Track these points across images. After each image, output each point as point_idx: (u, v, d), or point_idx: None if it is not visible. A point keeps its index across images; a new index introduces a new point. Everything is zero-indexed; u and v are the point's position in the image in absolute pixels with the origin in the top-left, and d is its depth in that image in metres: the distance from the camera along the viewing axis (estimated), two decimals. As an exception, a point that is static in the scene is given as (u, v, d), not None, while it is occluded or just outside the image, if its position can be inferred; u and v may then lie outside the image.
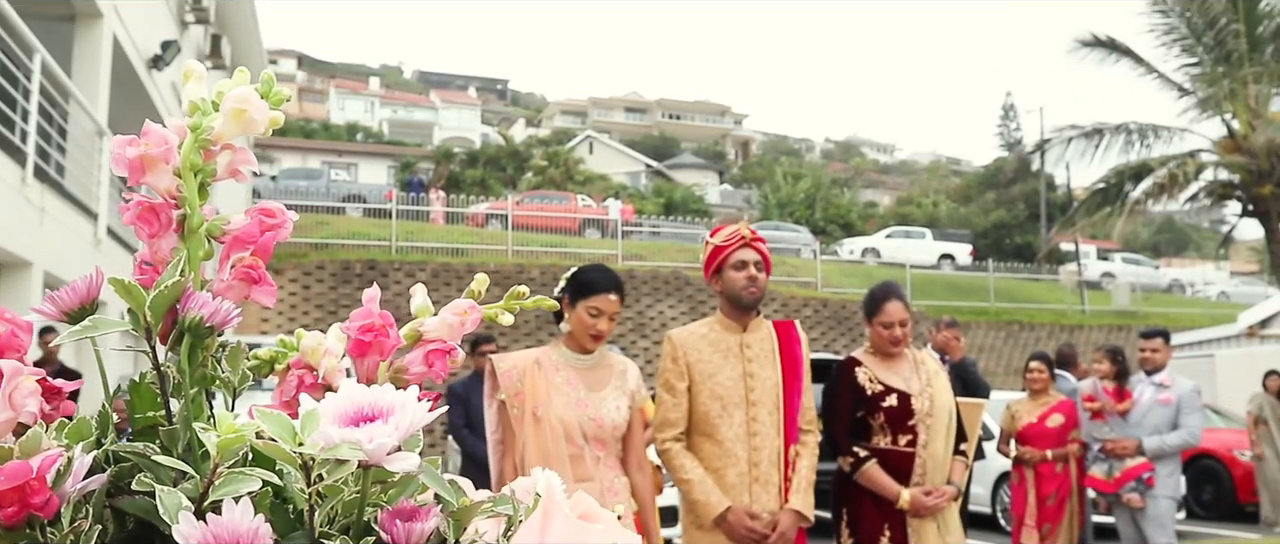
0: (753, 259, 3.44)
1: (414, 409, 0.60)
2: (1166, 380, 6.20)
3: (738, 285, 3.41)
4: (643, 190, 44.83)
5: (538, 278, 20.51)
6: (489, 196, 31.93)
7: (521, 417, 3.03)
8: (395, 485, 0.65)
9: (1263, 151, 18.33)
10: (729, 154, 72.06)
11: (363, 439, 0.56)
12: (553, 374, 3.10)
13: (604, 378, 3.19)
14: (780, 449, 3.37)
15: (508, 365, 3.12)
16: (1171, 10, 19.65)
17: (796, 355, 3.48)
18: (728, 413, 3.33)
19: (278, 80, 0.81)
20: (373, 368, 0.71)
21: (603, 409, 3.09)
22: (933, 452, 3.62)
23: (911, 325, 3.77)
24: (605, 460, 3.11)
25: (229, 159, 0.72)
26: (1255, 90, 18.60)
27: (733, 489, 3.29)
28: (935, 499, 3.58)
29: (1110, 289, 29.44)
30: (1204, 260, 43.60)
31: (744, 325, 3.47)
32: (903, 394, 3.64)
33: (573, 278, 3.18)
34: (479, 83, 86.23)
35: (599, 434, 3.08)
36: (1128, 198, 20.02)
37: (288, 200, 23.16)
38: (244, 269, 0.70)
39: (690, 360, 3.39)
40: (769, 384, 3.39)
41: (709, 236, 3.57)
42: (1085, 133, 20.97)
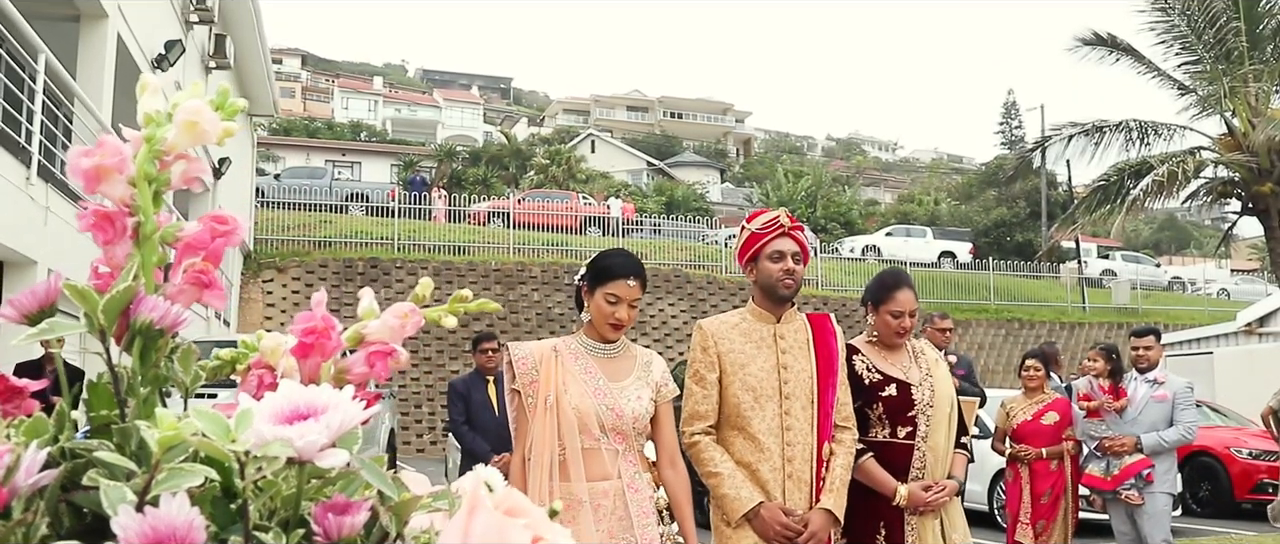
0: (791, 250, 3.27)
1: (347, 408, 0.63)
2: (1160, 377, 6.23)
3: (774, 276, 3.25)
4: (644, 189, 44.85)
5: (539, 276, 20.56)
6: (491, 195, 31.99)
7: (535, 405, 2.91)
8: (335, 481, 0.68)
9: (1263, 149, 18.33)
10: (731, 152, 72.05)
11: (294, 437, 0.59)
12: (571, 362, 2.97)
13: (626, 368, 3.04)
14: (814, 446, 3.20)
15: (523, 353, 3.00)
16: (1172, 8, 19.65)
17: (831, 349, 3.31)
18: (760, 405, 3.17)
19: (282, 79, 0.83)
20: (315, 369, 0.74)
21: (623, 399, 2.93)
22: (933, 444, 3.46)
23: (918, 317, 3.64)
24: (625, 454, 2.94)
25: (183, 169, 0.75)
26: (1255, 88, 18.59)
27: (765, 485, 3.13)
28: (935, 494, 3.40)
29: (1111, 287, 29.44)
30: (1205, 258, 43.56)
31: (778, 316, 3.31)
32: (902, 384, 3.48)
33: (592, 263, 3.05)
34: (482, 81, 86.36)
35: (618, 425, 2.91)
36: (1128, 195, 20.01)
37: (291, 199, 23.27)
38: (195, 274, 0.74)
39: (721, 350, 3.22)
40: (803, 377, 3.24)
41: (746, 222, 3.38)
42: (1085, 130, 20.98)
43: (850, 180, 55.75)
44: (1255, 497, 11.42)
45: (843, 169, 63.18)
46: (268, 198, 23.20)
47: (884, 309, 3.53)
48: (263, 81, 16.75)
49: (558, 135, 61.30)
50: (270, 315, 18.47)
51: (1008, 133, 56.98)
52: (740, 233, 3.37)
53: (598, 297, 2.96)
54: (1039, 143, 24.75)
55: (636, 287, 2.97)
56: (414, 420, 18.58)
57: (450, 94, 72.89)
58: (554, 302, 20.26)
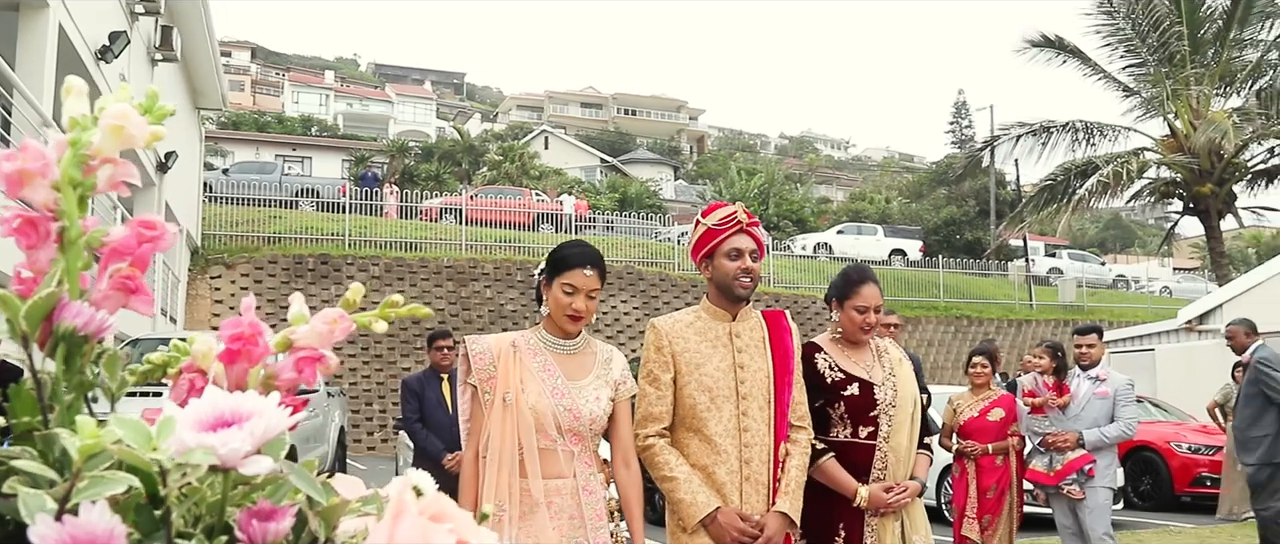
0: (749, 247, 3.17)
1: (272, 415, 0.63)
2: (1102, 374, 6.35)
3: (731, 275, 3.15)
4: (598, 185, 44.82)
5: (491, 273, 20.48)
6: (443, 191, 31.80)
7: (491, 402, 2.82)
8: (262, 487, 0.68)
9: (1203, 151, 18.75)
10: (684, 149, 72.23)
11: (216, 444, 0.59)
12: (529, 359, 2.88)
13: (585, 365, 2.95)
14: (771, 447, 3.12)
15: (481, 348, 2.90)
16: (1117, 12, 20.02)
17: (788, 346, 3.23)
18: (717, 406, 3.08)
19: (230, 72, 0.83)
20: (243, 374, 0.74)
21: (581, 399, 2.85)
22: (895, 444, 3.39)
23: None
24: (581, 456, 2.86)
25: (110, 173, 0.74)
26: (1196, 91, 19.01)
27: (722, 488, 3.04)
28: (896, 495, 3.33)
29: (1057, 284, 29.94)
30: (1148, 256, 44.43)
31: (733, 314, 3.22)
32: (865, 383, 3.39)
33: (549, 255, 2.99)
34: (435, 76, 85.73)
35: (575, 427, 2.83)
36: (1074, 195, 20.37)
37: (240, 193, 22.96)
38: (121, 279, 0.73)
39: (676, 350, 3.12)
40: (760, 376, 3.16)
41: (701, 216, 3.26)
42: (1033, 130, 21.32)
43: (803, 178, 56.06)
44: (1194, 490, 11.67)
45: (795, 167, 63.56)
46: (216, 193, 22.88)
47: (849, 305, 3.46)
48: (211, 74, 16.50)
49: (511, 131, 61.06)
50: (218, 312, 18.22)
51: (958, 132, 57.64)
52: (695, 227, 3.26)
53: (555, 288, 2.89)
54: (988, 142, 25.13)
55: (594, 276, 2.89)
56: (365, 418, 18.43)
57: (403, 89, 72.26)
58: (506, 298, 20.20)
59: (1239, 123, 18.87)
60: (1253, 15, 19.69)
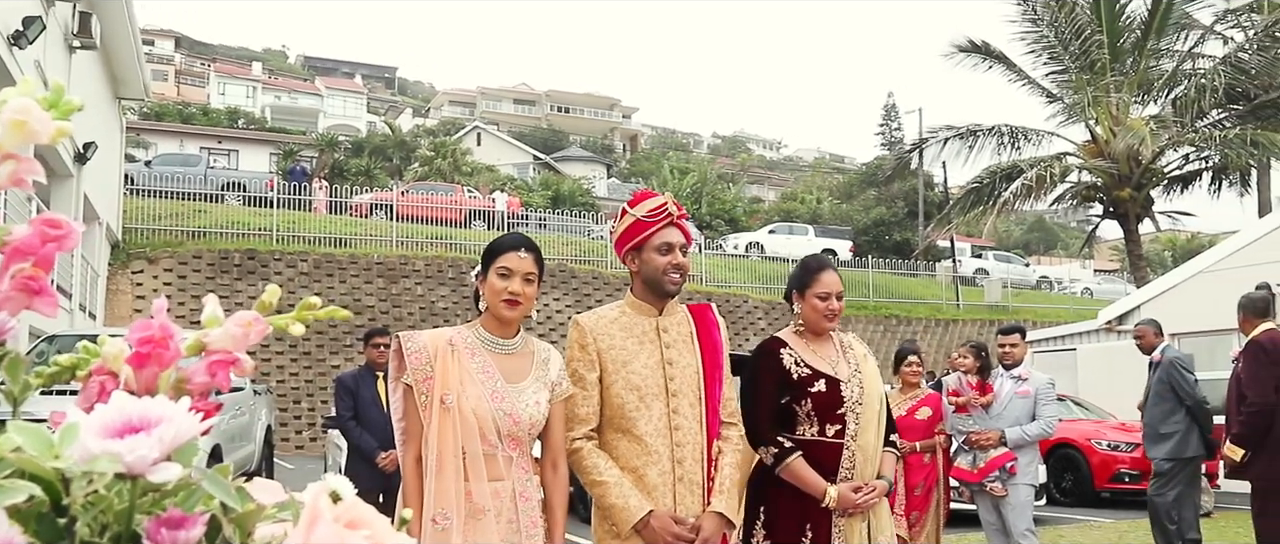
0: (679, 241, 3.05)
1: (183, 420, 0.61)
2: (1024, 374, 6.49)
3: (661, 270, 3.01)
4: (530, 182, 44.67)
5: (422, 270, 20.29)
6: (374, 187, 31.42)
7: (429, 404, 2.68)
8: (173, 493, 0.66)
9: (1123, 157, 19.26)
10: (617, 147, 72.29)
11: (123, 451, 0.57)
12: (468, 359, 2.74)
13: (523, 367, 2.82)
14: (703, 445, 3.02)
15: (417, 345, 2.75)
16: (1041, 19, 20.46)
17: (716, 340, 3.13)
18: (646, 405, 2.96)
19: (153, 61, 0.80)
20: (153, 378, 0.72)
21: (520, 404, 2.74)
22: (863, 443, 3.28)
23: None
24: (519, 461, 2.76)
25: (12, 168, 0.71)
26: (1116, 98, 19.51)
27: (654, 491, 2.93)
28: (865, 496, 3.23)
29: (983, 285, 30.55)
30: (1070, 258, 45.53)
31: (660, 309, 3.10)
32: (831, 380, 3.28)
33: (486, 250, 2.86)
34: (366, 70, 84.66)
35: (514, 432, 2.72)
36: (1000, 197, 20.77)
37: (163, 187, 22.44)
38: (23, 280, 0.70)
39: (601, 347, 2.99)
40: (689, 372, 3.04)
41: (629, 206, 3.12)
42: (961, 134, 21.71)
43: (735, 178, 56.49)
44: (1114, 486, 11.99)
45: (728, 166, 63.97)
46: (138, 185, 22.33)
47: (810, 294, 3.35)
48: (133, 63, 16.05)
49: (443, 127, 60.59)
50: (140, 308, 17.77)
51: (887, 134, 58.47)
52: (621, 217, 3.12)
53: (490, 276, 2.78)
54: (917, 145, 25.53)
55: (530, 259, 2.78)
56: (293, 417, 18.14)
57: (333, 82, 71.20)
58: (437, 295, 20.02)
59: (1156, 130, 19.40)
60: (1169, 26, 20.27)
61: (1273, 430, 5.55)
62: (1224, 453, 5.79)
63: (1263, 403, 5.54)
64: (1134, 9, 20.18)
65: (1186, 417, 7.12)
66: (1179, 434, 7.10)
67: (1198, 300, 13.27)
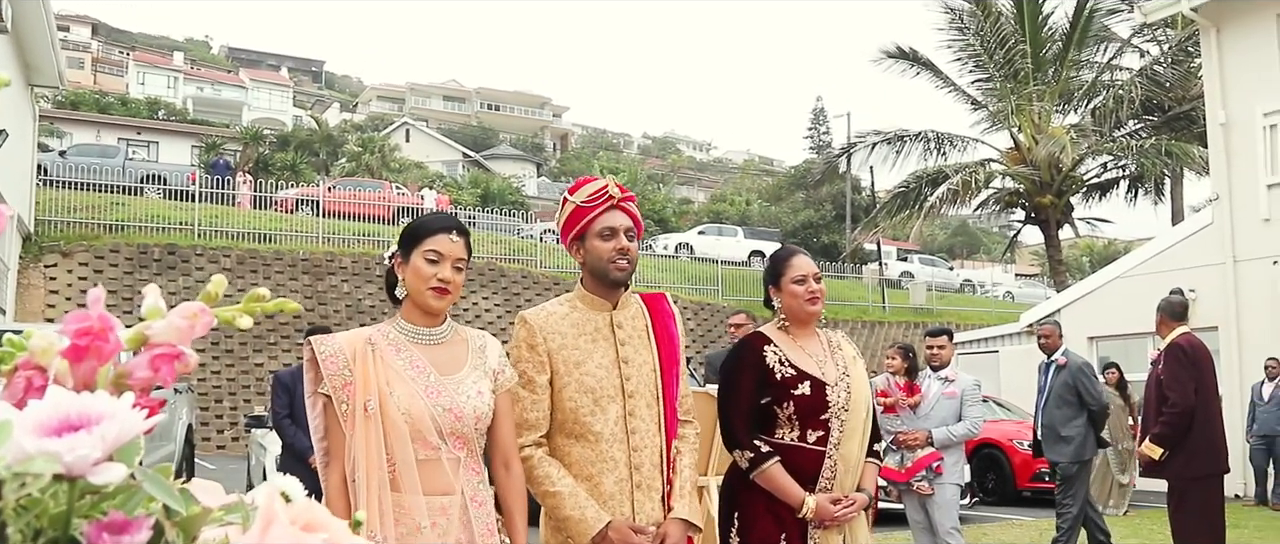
0: (624, 225, 2.83)
1: (126, 418, 0.57)
2: (952, 375, 6.59)
3: (605, 257, 2.80)
4: (459, 180, 44.29)
5: (349, 267, 19.98)
6: (300, 182, 30.89)
7: (350, 413, 2.37)
8: (112, 496, 0.62)
9: (1044, 164, 19.72)
10: (548, 146, 72.05)
11: (62, 451, 0.53)
12: (392, 356, 2.44)
13: (458, 357, 2.52)
14: (662, 448, 2.83)
15: (331, 349, 2.43)
16: (967, 28, 20.88)
17: (673, 334, 2.93)
18: (601, 408, 2.75)
19: (68, 48, 0.74)
20: (91, 373, 0.67)
21: (460, 396, 2.43)
22: (845, 452, 3.06)
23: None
24: (467, 463, 2.45)
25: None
26: (1039, 107, 19.98)
27: (611, 500, 2.72)
28: (844, 509, 3.02)
29: (909, 288, 31.05)
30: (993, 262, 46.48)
31: (613, 302, 2.88)
32: (817, 382, 3.06)
33: (403, 231, 2.59)
34: (292, 63, 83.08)
35: (458, 429, 2.42)
36: (926, 202, 21.16)
37: (79, 178, 21.76)
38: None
39: (551, 347, 2.77)
40: (646, 370, 2.84)
41: (568, 193, 2.93)
42: (888, 139, 22.05)
43: (665, 178, 56.67)
44: (1034, 486, 12.24)
45: (658, 167, 64.12)
46: (52, 176, 21.61)
47: (786, 281, 3.16)
48: (46, 49, 15.52)
49: (371, 122, 59.82)
50: (53, 303, 17.22)
51: (816, 138, 59.18)
52: (562, 206, 2.92)
53: (415, 260, 2.47)
54: (845, 149, 25.88)
55: (460, 243, 2.49)
56: (215, 416, 17.73)
57: (258, 74, 69.78)
58: (365, 293, 19.73)
59: (1076, 138, 19.92)
60: (1089, 38, 20.84)
61: (1191, 430, 5.71)
62: (1143, 451, 5.94)
63: (1183, 404, 5.69)
64: (1056, 21, 20.71)
65: (1086, 420, 7.34)
66: (1080, 437, 7.33)
67: (1115, 304, 13.62)
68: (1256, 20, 12.12)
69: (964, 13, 20.80)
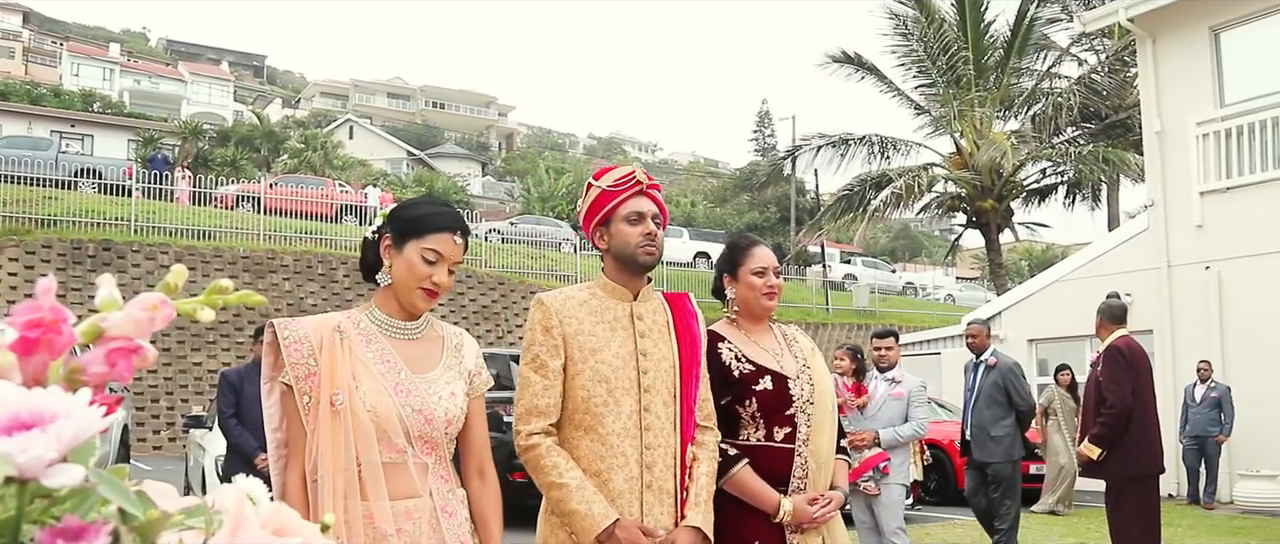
0: (651, 210, 2.73)
1: (82, 415, 0.53)
2: (898, 376, 6.64)
3: (633, 243, 2.69)
4: (404, 179, 43.94)
5: (291, 265, 19.68)
6: (240, 178, 30.40)
7: (313, 406, 2.19)
8: (65, 500, 0.58)
9: (985, 169, 20.03)
10: (493, 146, 71.72)
11: (14, 451, 0.49)
12: (361, 348, 2.25)
13: (431, 354, 2.34)
14: (677, 449, 2.67)
15: (296, 334, 2.24)
16: (911, 34, 21.14)
17: (695, 332, 2.79)
18: (615, 400, 2.61)
19: None
20: (42, 368, 0.63)
21: (431, 396, 2.26)
22: (815, 448, 2.91)
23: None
24: (436, 469, 2.27)
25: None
26: (980, 113, 20.29)
27: (619, 498, 2.57)
28: (821, 508, 2.87)
29: (852, 290, 31.33)
30: (934, 266, 47.11)
31: (635, 292, 2.76)
32: (778, 376, 2.91)
33: (400, 211, 2.37)
34: (233, 57, 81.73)
35: (427, 433, 2.24)
36: (869, 205, 21.39)
37: (9, 171, 21.16)
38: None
39: (568, 332, 2.64)
40: (664, 366, 2.70)
41: (593, 179, 2.83)
42: (833, 142, 22.24)
43: (612, 179, 56.59)
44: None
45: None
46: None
47: (745, 271, 3.01)
48: (-21, 41, 15.11)
49: (314, 119, 59.06)
50: (-19, 299, 16.74)
51: (761, 140, 59.45)
52: (587, 192, 2.81)
53: (409, 253, 2.26)
54: (790, 151, 26.05)
55: (462, 245, 2.32)
56: (151, 416, 17.35)
57: (197, 68, 68.48)
58: (306, 292, 19.45)
59: (1016, 144, 20.26)
60: (1029, 46, 21.23)
61: (1129, 431, 5.81)
62: (1082, 451, 6.03)
63: (1121, 405, 5.79)
64: (997, 28, 21.06)
65: (1015, 420, 7.41)
66: (1009, 437, 7.37)
67: (1054, 307, 13.86)
68: (1190, 32, 12.40)
69: (908, 19, 21.06)
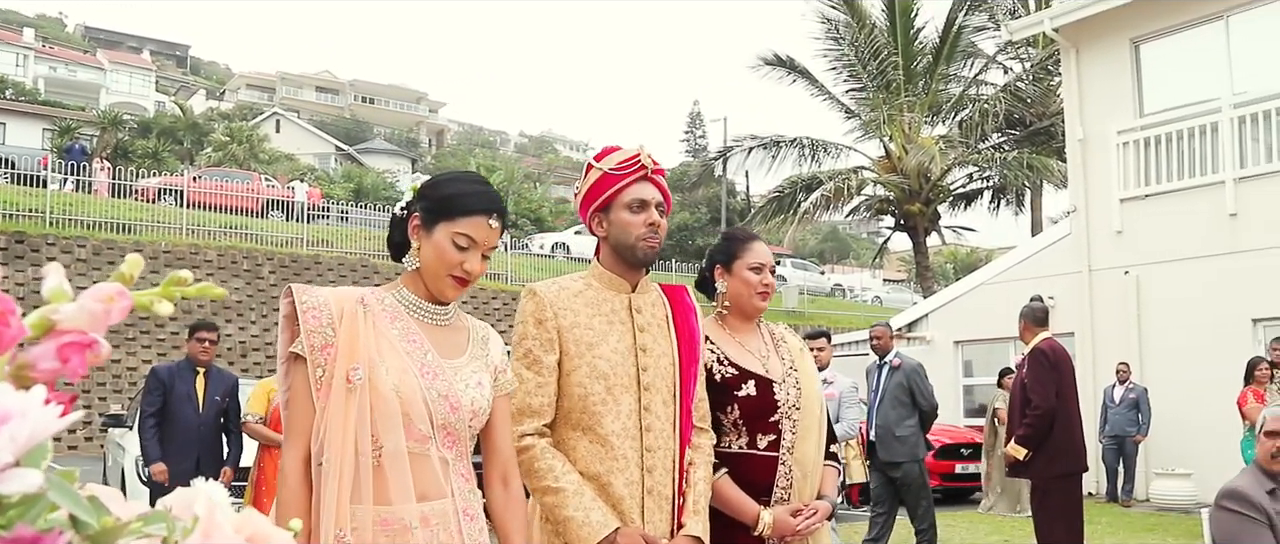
0: (655, 198, 2.54)
1: (38, 415, 0.49)
2: (830, 377, 6.72)
3: (635, 232, 2.50)
4: (332, 174, 43.28)
5: (215, 261, 19.26)
6: (163, 170, 29.65)
7: (326, 381, 1.95)
8: (15, 506, 0.54)
9: (913, 173, 20.36)
10: (423, 142, 71.01)
11: (-34, 454, 0.46)
12: (386, 324, 2.04)
13: (458, 342, 2.14)
14: (676, 452, 2.50)
15: (315, 300, 2.01)
16: (842, 38, 21.41)
17: (693, 328, 2.62)
18: (614, 398, 2.43)
19: None
20: (-12, 364, 0.59)
21: (459, 383, 2.05)
22: (801, 455, 2.72)
23: None
24: (457, 466, 2.05)
25: None
26: (909, 118, 20.63)
27: (619, 503, 2.39)
28: (805, 520, 2.68)
29: (781, 291, 31.61)
30: (862, 268, 47.76)
31: (632, 283, 2.58)
32: (763, 380, 2.73)
33: (431, 188, 2.15)
34: (155, 46, 79.76)
35: (451, 422, 2.02)
36: (799, 207, 21.61)
37: (-85, 160, 20.39)
38: None
39: (563, 325, 2.45)
40: (664, 363, 2.53)
41: (594, 160, 2.62)
42: (764, 144, 22.42)
43: (542, 178, 56.39)
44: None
45: (535, 166, 63.77)
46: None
47: (741, 266, 2.82)
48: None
49: (240, 111, 57.91)
50: (-115, 292, 16.07)
51: (692, 141, 59.78)
52: (587, 173, 2.63)
53: (440, 236, 2.06)
54: (721, 153, 26.21)
55: (498, 229, 2.12)
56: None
57: (117, 56, 66.68)
58: (231, 288, 19.03)
59: (944, 149, 20.64)
60: (957, 53, 21.63)
61: (1053, 431, 5.94)
62: (1008, 452, 6.15)
63: (1046, 406, 5.91)
64: (927, 35, 21.42)
65: (918, 420, 7.50)
66: (914, 436, 7.39)
67: (979, 310, 14.12)
68: (1112, 42, 12.73)
69: (840, 24, 21.32)
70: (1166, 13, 12.18)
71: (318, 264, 20.02)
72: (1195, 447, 11.04)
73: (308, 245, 20.98)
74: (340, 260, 20.67)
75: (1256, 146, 11.49)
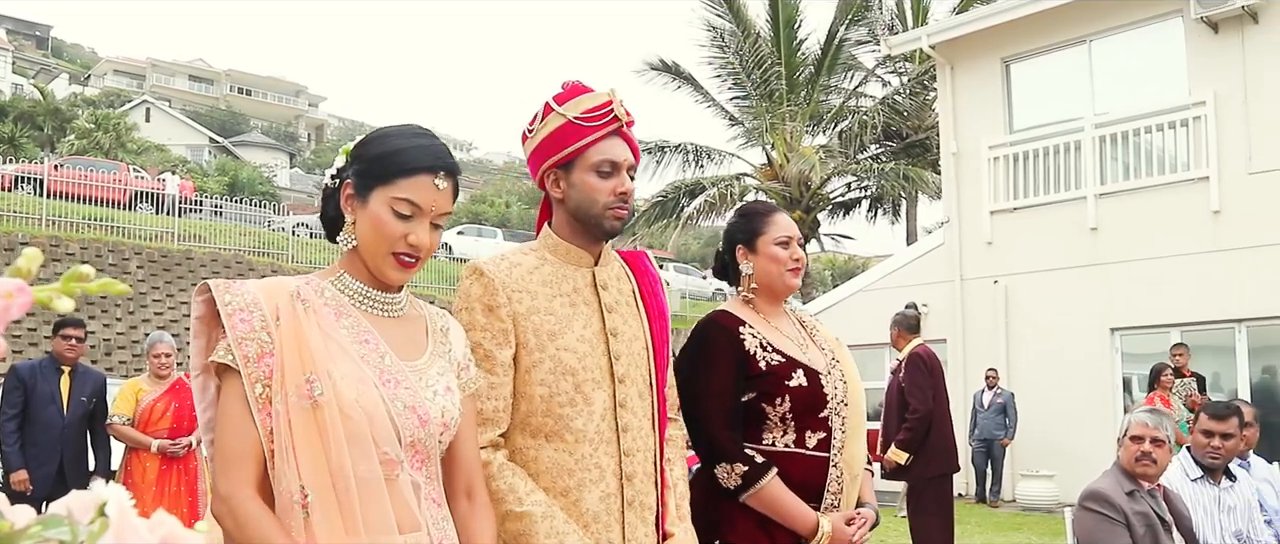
0: (628, 160, 2.11)
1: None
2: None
3: (601, 202, 2.07)
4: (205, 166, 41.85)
5: (78, 254, 18.40)
6: (20, 158, 28.22)
7: (271, 398, 1.57)
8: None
9: (795, 180, 20.76)
10: (302, 136, 69.27)
11: None
12: (331, 323, 1.64)
13: (415, 337, 1.76)
14: (655, 453, 2.13)
15: (244, 299, 1.61)
16: (727, 47, 21.71)
17: (661, 302, 2.25)
18: (585, 396, 2.02)
19: None
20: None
21: (424, 391, 1.67)
22: (850, 457, 2.40)
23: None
24: (428, 491, 1.68)
25: None
26: (791, 126, 21.02)
27: (596, 522, 1.99)
28: (858, 529, 2.37)
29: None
30: (742, 273, 48.39)
31: (594, 255, 2.16)
32: (811, 371, 2.39)
33: (362, 149, 1.74)
34: (12, 25, 75.74)
35: (420, 438, 1.65)
36: (683, 212, 21.82)
37: None
38: None
39: (518, 311, 2.01)
40: (636, 348, 2.13)
41: (553, 101, 2.13)
42: (649, 149, 22.54)
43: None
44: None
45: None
46: None
47: (766, 240, 2.48)
48: None
49: (106, 98, 55.48)
50: None
51: (578, 143, 59.67)
52: (545, 116, 2.13)
53: (376, 205, 1.67)
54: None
55: (448, 189, 1.72)
56: (-96, 413, 15.84)
57: (-29, 37, 63.27)
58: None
59: (824, 159, 21.10)
60: (838, 66, 22.17)
61: (928, 434, 6.14)
62: (888, 457, 6.32)
63: (924, 410, 6.11)
64: (809, 47, 21.87)
65: None
66: None
67: (857, 317, 14.46)
68: (985, 61, 13.23)
69: (725, 32, 21.60)
70: (1035, 35, 12.72)
71: (189, 260, 19.32)
72: (1059, 449, 11.55)
73: (179, 240, 20.23)
74: (213, 256, 19.99)
75: (1115, 165, 12.09)
